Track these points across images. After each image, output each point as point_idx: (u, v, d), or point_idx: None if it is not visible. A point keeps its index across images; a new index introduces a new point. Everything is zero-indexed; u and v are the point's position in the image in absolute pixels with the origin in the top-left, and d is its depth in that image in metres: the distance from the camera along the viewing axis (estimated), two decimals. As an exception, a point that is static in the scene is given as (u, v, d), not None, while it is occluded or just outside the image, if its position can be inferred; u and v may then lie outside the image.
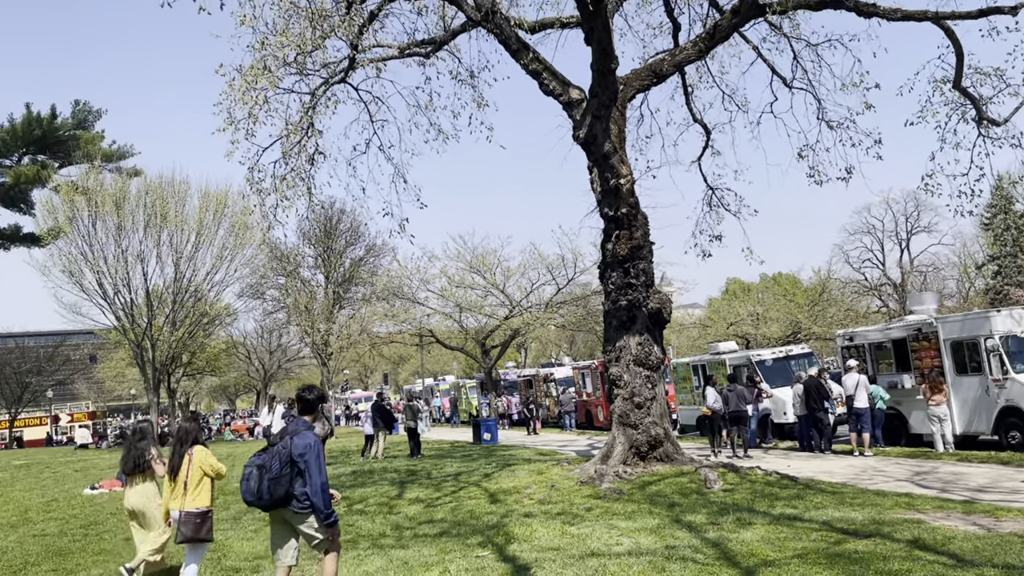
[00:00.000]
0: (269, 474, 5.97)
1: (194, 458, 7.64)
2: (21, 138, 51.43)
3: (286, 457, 6.01)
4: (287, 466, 5.99)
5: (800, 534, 8.57)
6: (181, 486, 7.55)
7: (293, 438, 6.08)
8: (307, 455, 5.98)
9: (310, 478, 5.97)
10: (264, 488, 5.96)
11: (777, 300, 51.45)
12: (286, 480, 5.97)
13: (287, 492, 5.99)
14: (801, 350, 24.03)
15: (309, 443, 6.03)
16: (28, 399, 59.25)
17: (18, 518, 15.00)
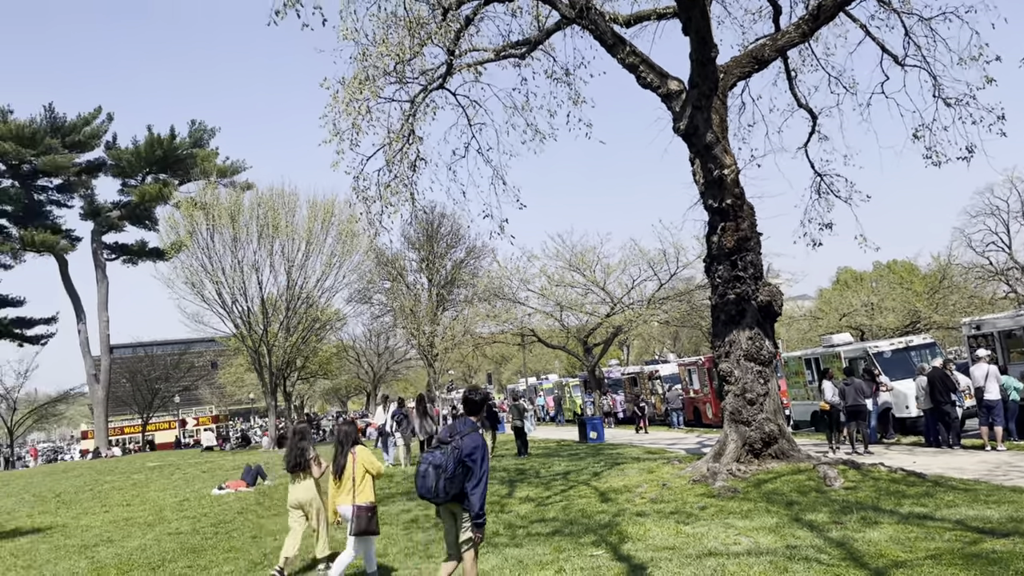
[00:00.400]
0: (445, 474, 6.36)
1: (357, 457, 8.19)
2: (144, 158, 54.80)
3: (458, 457, 6.39)
4: (459, 465, 6.38)
5: (932, 534, 8.14)
6: (349, 483, 8.10)
7: (463, 439, 6.45)
8: (475, 455, 6.39)
9: (473, 478, 6.37)
10: (441, 487, 6.36)
11: (893, 289, 49.07)
12: (459, 479, 6.38)
13: (461, 490, 6.41)
14: (923, 340, 22.82)
15: (478, 444, 6.43)
16: (158, 404, 62.88)
17: (154, 517, 15.95)
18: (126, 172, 55.94)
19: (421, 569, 8.79)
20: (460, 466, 6.37)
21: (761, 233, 14.21)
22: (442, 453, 6.46)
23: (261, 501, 16.79)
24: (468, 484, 6.38)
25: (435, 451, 6.55)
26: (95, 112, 55.90)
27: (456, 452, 6.40)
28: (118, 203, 56.78)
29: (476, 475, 6.36)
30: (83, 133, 55.01)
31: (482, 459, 6.41)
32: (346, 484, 8.14)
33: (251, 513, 15.14)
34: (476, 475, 6.36)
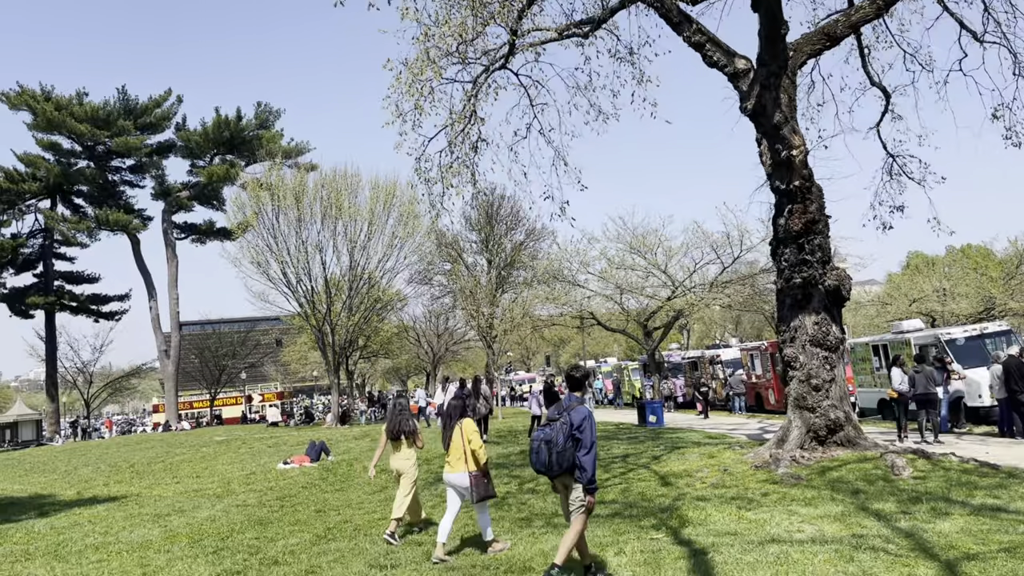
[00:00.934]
0: (556, 448, 6.86)
1: (464, 429, 8.78)
2: (212, 140, 56.16)
3: (568, 431, 6.85)
4: (569, 439, 6.84)
5: (1006, 526, 7.88)
6: (457, 453, 8.73)
7: (570, 413, 6.91)
8: (583, 426, 6.82)
9: (583, 447, 6.79)
10: (554, 460, 6.87)
11: (966, 274, 47.40)
12: (570, 452, 6.84)
13: (572, 462, 6.85)
14: (998, 327, 22.00)
15: (585, 415, 6.86)
16: (225, 380, 64.72)
17: (223, 489, 16.49)
18: (195, 153, 57.44)
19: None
20: (570, 439, 6.82)
21: (829, 216, 13.84)
22: (552, 429, 6.92)
23: (325, 477, 17.19)
24: (579, 453, 6.79)
25: (546, 427, 7.01)
26: (165, 94, 57.46)
27: (565, 427, 6.85)
28: (187, 183, 58.37)
29: (585, 445, 6.78)
30: (154, 115, 56.62)
31: (590, 429, 6.82)
32: (455, 454, 8.75)
33: (315, 488, 15.52)
34: (585, 445, 6.78)
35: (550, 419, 7.06)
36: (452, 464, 8.78)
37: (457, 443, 8.78)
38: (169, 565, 9.18)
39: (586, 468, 6.77)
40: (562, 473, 6.94)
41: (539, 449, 6.95)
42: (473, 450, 8.64)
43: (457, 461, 8.72)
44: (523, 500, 11.91)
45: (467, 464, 8.63)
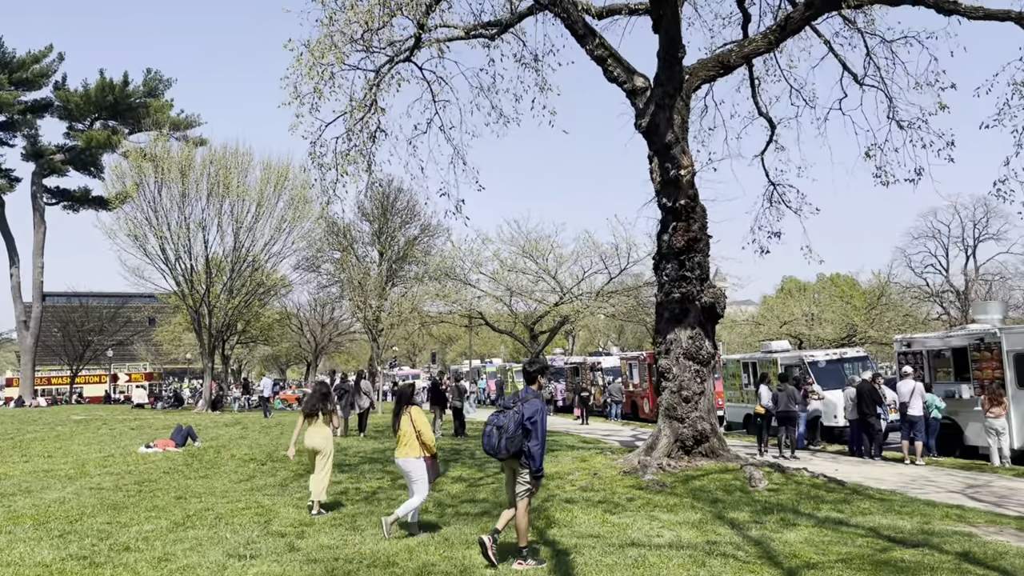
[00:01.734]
0: (506, 434, 7.37)
1: (412, 415, 9.10)
2: (94, 103, 53.03)
3: (519, 420, 7.36)
4: (519, 428, 7.34)
5: (845, 539, 8.44)
6: (405, 438, 9.05)
7: (524, 404, 7.42)
8: (535, 418, 7.33)
9: (533, 437, 7.31)
10: (502, 445, 7.40)
11: (833, 301, 50.38)
12: (519, 439, 7.35)
13: (519, 448, 7.36)
14: (856, 353, 23.51)
15: (537, 408, 7.40)
16: (89, 357, 61.29)
17: (76, 471, 15.61)
18: (73, 115, 54.09)
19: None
20: (520, 428, 7.33)
21: (711, 236, 14.43)
22: (505, 416, 7.45)
23: (189, 463, 16.55)
24: (529, 443, 7.30)
25: (500, 414, 7.52)
26: (46, 50, 53.90)
27: (518, 416, 7.37)
28: (63, 147, 54.91)
29: (535, 435, 7.30)
30: (31, 71, 53.00)
31: (542, 422, 7.36)
32: (402, 439, 9.07)
33: (178, 474, 14.92)
34: (535, 435, 7.30)
35: (504, 407, 7.56)
36: (399, 448, 9.12)
37: (406, 428, 9.07)
38: (9, 547, 8.61)
39: (534, 457, 7.30)
40: (509, 457, 7.44)
41: (490, 433, 7.47)
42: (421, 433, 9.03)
43: (404, 446, 9.05)
44: (394, 495, 11.85)
45: (420, 449, 9.00)
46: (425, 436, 9.03)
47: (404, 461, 9.06)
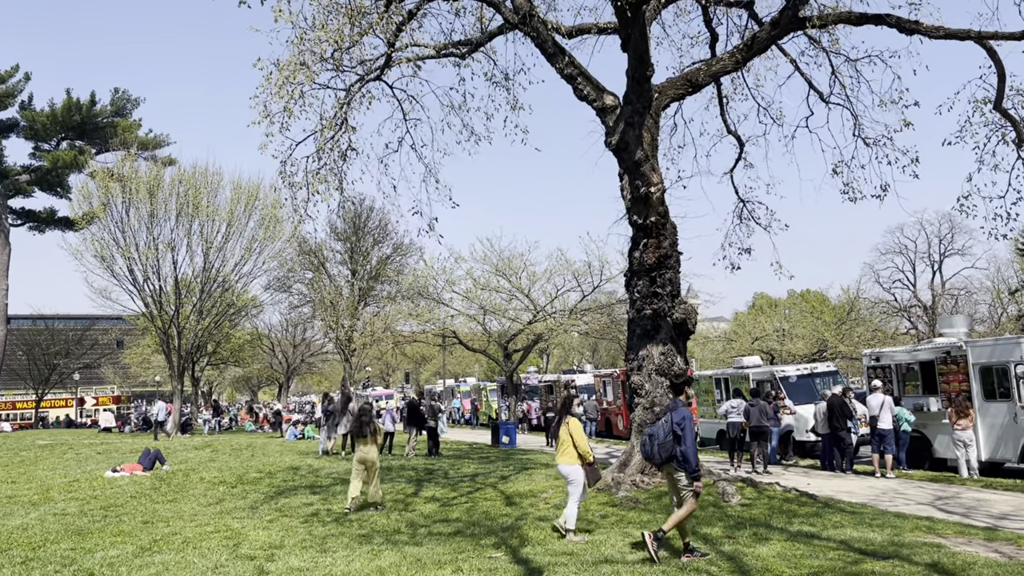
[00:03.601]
0: (657, 440, 8.33)
1: (571, 425, 9.73)
2: (60, 123, 52.37)
3: (668, 428, 8.27)
4: (670, 435, 8.23)
5: (817, 552, 8.46)
6: (564, 446, 9.66)
7: (672, 413, 8.35)
8: (683, 424, 8.18)
9: (684, 442, 8.13)
10: (655, 451, 8.36)
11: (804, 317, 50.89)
12: (670, 444, 8.24)
13: (671, 453, 8.23)
14: (826, 368, 23.75)
15: (685, 416, 8.26)
16: (55, 380, 60.13)
17: (40, 496, 15.26)
18: (40, 135, 53.35)
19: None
20: (670, 435, 8.21)
21: (682, 252, 14.52)
22: (656, 426, 8.44)
23: (157, 487, 16.26)
24: (680, 447, 8.12)
25: (653, 424, 8.57)
26: (12, 70, 53.19)
27: (667, 424, 8.30)
28: (28, 167, 54.08)
29: (685, 440, 8.11)
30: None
31: (689, 428, 8.16)
32: (561, 447, 9.71)
33: (145, 498, 14.64)
34: (685, 440, 8.11)
35: (657, 416, 8.68)
36: (559, 456, 9.75)
37: (564, 437, 9.65)
38: (-33, 577, 8.37)
39: (688, 459, 8.10)
40: (664, 463, 8.38)
41: (645, 442, 8.51)
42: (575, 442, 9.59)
43: (563, 454, 9.65)
44: (366, 516, 11.71)
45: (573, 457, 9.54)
46: (580, 446, 9.57)
47: (562, 467, 9.68)
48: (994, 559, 8.04)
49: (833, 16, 14.47)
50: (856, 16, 14.35)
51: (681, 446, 8.10)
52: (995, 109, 14.96)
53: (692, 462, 8.09)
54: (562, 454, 9.67)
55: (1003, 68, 14.47)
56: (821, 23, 14.36)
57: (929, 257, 52.73)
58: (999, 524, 10.16)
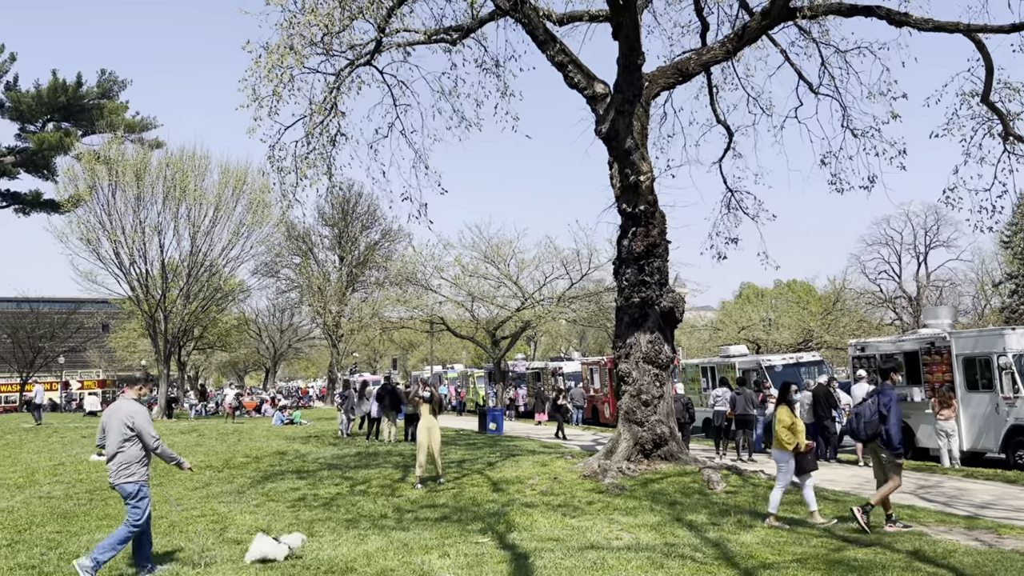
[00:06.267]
0: (863, 419, 9.18)
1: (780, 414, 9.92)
2: (46, 104, 51.77)
3: (875, 408, 9.10)
4: (875, 414, 9.07)
5: (800, 539, 8.57)
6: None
7: (880, 395, 9.18)
8: (889, 405, 9.02)
9: (887, 422, 8.97)
10: (861, 428, 9.23)
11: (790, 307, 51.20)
12: (875, 423, 9.09)
13: (875, 432, 9.10)
14: (812, 358, 23.92)
15: (891, 398, 9.08)
16: (40, 364, 59.74)
17: (25, 479, 15.21)
18: (25, 116, 52.73)
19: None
20: (876, 414, 9.02)
21: (670, 241, 14.59)
22: (863, 405, 9.30)
23: (143, 470, 16.21)
24: (884, 426, 8.95)
25: (861, 403, 9.49)
26: (-4, 49, 52.55)
27: (874, 405, 9.12)
28: (13, 148, 53.48)
29: (890, 420, 8.94)
30: (-19, 71, 51.62)
31: (895, 409, 8.97)
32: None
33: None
34: (890, 420, 8.94)
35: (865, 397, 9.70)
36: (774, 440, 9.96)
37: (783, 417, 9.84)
38: (-48, 559, 8.35)
39: (891, 437, 8.92)
40: (868, 440, 9.22)
41: (852, 420, 9.40)
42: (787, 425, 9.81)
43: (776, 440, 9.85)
44: (353, 501, 11.75)
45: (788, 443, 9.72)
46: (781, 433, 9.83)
47: (774, 452, 9.96)
48: (974, 547, 8.17)
49: (824, 7, 14.51)
50: (846, 7, 14.39)
51: (885, 425, 8.92)
52: (982, 102, 15.06)
53: (894, 440, 8.91)
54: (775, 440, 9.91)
55: (991, 61, 14.56)
56: (812, 14, 14.41)
57: (915, 248, 53.19)
58: (980, 513, 10.29)
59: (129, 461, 7.55)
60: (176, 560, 8.12)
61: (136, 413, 7.66)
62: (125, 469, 7.54)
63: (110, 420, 7.67)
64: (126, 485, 7.54)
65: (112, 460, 7.55)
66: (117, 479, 7.56)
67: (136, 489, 7.54)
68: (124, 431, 7.53)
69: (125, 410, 7.69)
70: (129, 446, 7.55)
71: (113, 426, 7.63)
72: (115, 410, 7.79)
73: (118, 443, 7.54)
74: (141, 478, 7.60)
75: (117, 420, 7.63)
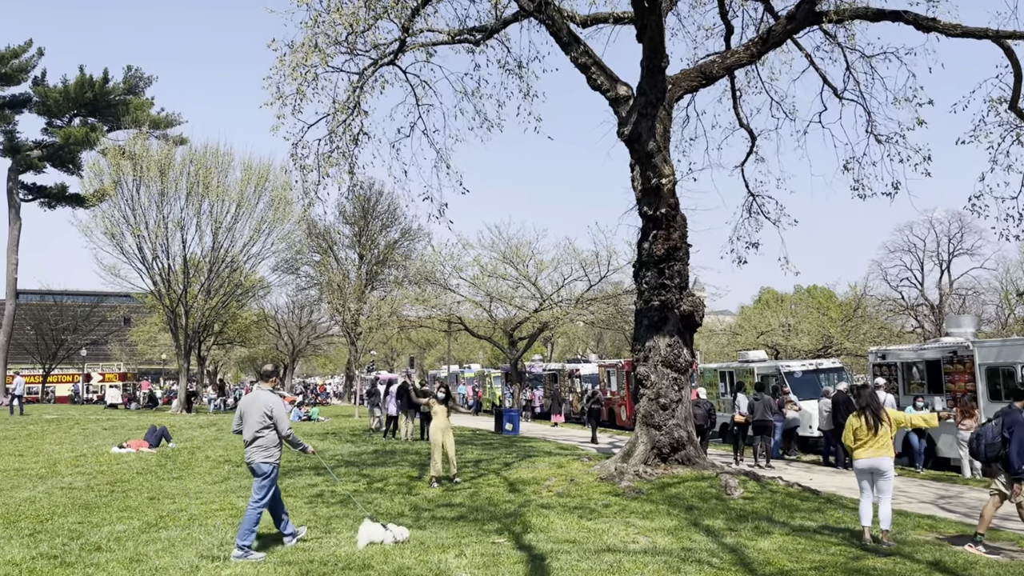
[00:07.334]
0: (985, 440, 8.98)
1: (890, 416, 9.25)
2: (73, 99, 52.46)
3: (998, 431, 8.86)
4: (998, 437, 8.83)
5: (819, 547, 8.50)
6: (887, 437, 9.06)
7: (1004, 417, 8.93)
8: (1014, 428, 8.74)
9: (1010, 444, 8.71)
10: (981, 450, 9.05)
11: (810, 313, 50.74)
12: (996, 446, 8.86)
13: (997, 455, 8.87)
14: (831, 364, 23.74)
15: (1016, 422, 8.76)
16: (62, 356, 60.46)
17: (47, 470, 15.40)
18: (52, 111, 53.47)
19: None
20: (999, 437, 8.81)
21: (691, 245, 14.52)
22: (986, 427, 9.14)
23: (163, 463, 16.39)
24: (1007, 450, 8.72)
25: (984, 424, 9.37)
26: (25, 45, 53.23)
27: (996, 427, 8.90)
28: (40, 143, 54.22)
29: (1011, 443, 8.70)
30: (10, 66, 52.29)
31: (1019, 432, 8.68)
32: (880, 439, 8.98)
33: (151, 474, 14.76)
34: (1011, 443, 8.70)
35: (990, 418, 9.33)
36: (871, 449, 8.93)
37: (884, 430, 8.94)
38: (-24, 547, 8.48)
39: (1011, 462, 8.68)
40: (989, 461, 9.04)
41: (972, 439, 9.25)
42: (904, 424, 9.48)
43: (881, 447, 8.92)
44: (370, 499, 11.80)
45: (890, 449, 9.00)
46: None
47: (883, 459, 8.90)
48: (995, 559, 8.08)
49: (850, 11, 14.39)
50: (873, 12, 14.27)
51: (1006, 449, 8.71)
52: (1010, 109, 14.86)
53: (1015, 465, 8.67)
54: (880, 446, 8.90)
55: (1020, 68, 14.36)
56: (838, 18, 14.28)
57: (938, 256, 52.54)
58: (1001, 525, 10.16)
59: (268, 445, 8.41)
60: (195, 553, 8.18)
61: (274, 403, 8.55)
62: (264, 451, 8.40)
63: (249, 408, 8.51)
64: (264, 465, 8.39)
65: (252, 444, 8.39)
66: (256, 459, 8.39)
67: (271, 469, 8.40)
68: (263, 419, 8.38)
69: (263, 400, 8.55)
70: (268, 432, 8.40)
71: (252, 414, 8.48)
72: (253, 399, 8.66)
73: (257, 429, 8.37)
74: (276, 460, 8.49)
75: (256, 409, 8.48)
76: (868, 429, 8.98)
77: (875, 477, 8.96)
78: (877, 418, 9.00)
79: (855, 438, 9.08)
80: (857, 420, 9.09)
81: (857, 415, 9.14)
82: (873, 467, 8.94)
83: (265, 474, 8.37)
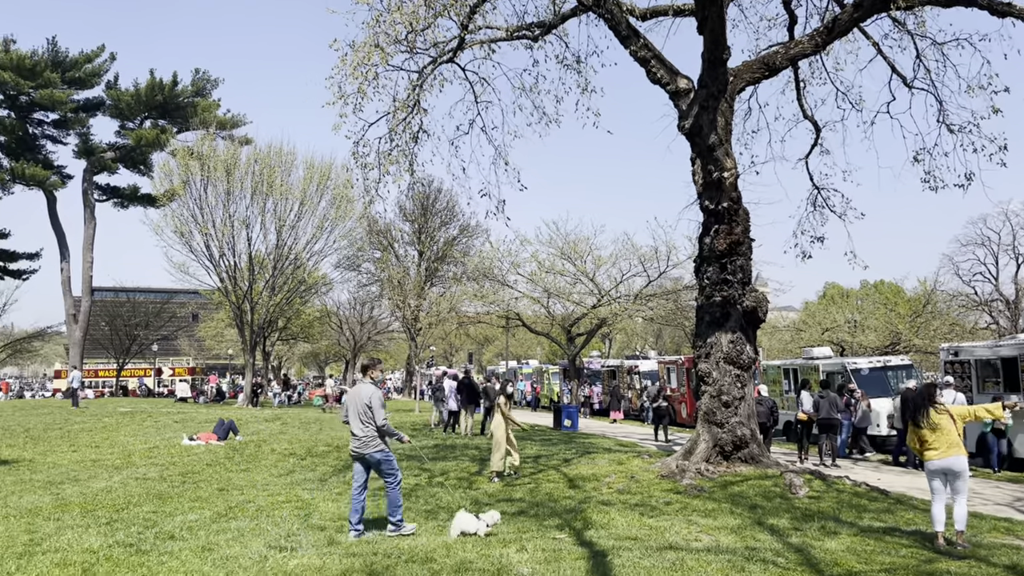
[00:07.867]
0: None
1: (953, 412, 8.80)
2: (144, 102, 54.18)
3: None
4: None
5: (889, 548, 8.28)
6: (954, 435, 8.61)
7: None
8: None
9: None
10: None
11: (877, 308, 49.32)
12: None
13: None
14: (900, 361, 23.06)
15: None
16: (135, 351, 62.57)
17: (122, 461, 15.97)
18: (124, 114, 55.34)
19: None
20: None
21: (753, 239, 14.28)
22: None
23: (231, 456, 16.83)
24: None
25: None
26: (98, 50, 55.18)
27: None
28: (113, 144, 56.18)
29: None
30: (84, 70, 54.30)
31: None
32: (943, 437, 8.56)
33: (220, 466, 15.18)
34: None
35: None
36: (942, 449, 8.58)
37: (949, 428, 8.60)
38: (58, 533, 8.85)
39: None
40: None
41: None
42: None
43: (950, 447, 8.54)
44: (432, 493, 11.93)
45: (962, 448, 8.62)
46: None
47: (956, 459, 8.53)
48: (1078, 564, 7.75)
49: (921, -3, 13.94)
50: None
51: None
52: (1093, 95, 14.20)
53: None
54: (950, 445, 8.52)
55: (1104, 52, 13.70)
56: (907, 5, 13.85)
57: (1014, 249, 50.47)
58: (1084, 529, 9.76)
59: (374, 435, 8.81)
60: (264, 543, 8.39)
61: (373, 395, 8.88)
62: (372, 441, 8.81)
63: (352, 401, 8.92)
64: (376, 454, 8.85)
65: (360, 436, 8.80)
66: (365, 450, 8.84)
67: (383, 456, 8.85)
68: (365, 410, 8.76)
69: (365, 392, 8.93)
70: (372, 424, 8.77)
71: (355, 406, 8.88)
72: (357, 392, 9.06)
73: (362, 422, 8.78)
74: (385, 446, 8.88)
75: (359, 401, 8.87)
76: (931, 431, 8.60)
77: (949, 478, 8.58)
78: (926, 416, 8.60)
79: (920, 440, 8.74)
80: (913, 426, 8.78)
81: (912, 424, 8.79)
82: (946, 468, 8.55)
83: (379, 461, 8.79)
